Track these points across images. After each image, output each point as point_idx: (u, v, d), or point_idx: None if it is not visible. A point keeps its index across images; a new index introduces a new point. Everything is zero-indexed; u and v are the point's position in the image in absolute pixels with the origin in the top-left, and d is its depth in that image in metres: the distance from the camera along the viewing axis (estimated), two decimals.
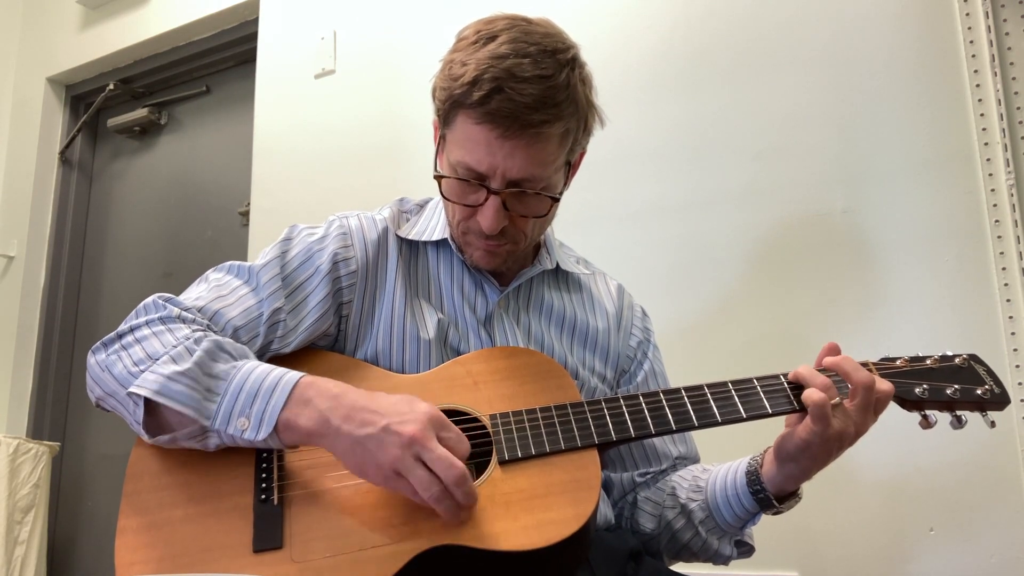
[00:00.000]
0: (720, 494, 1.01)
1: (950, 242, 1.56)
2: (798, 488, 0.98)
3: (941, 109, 1.60)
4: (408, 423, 0.80)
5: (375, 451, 0.79)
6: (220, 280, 0.99)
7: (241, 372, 0.86)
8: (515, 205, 0.97)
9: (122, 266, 3.02)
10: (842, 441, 0.89)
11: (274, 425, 0.83)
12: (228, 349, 0.88)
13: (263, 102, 2.55)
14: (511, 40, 0.91)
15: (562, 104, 0.92)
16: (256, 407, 0.83)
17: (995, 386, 0.94)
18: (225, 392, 0.84)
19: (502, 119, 0.90)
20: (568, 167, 1.02)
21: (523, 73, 0.89)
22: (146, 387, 0.83)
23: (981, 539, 1.46)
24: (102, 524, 2.80)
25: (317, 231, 1.05)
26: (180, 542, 0.82)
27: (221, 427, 0.83)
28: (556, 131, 0.93)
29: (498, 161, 0.92)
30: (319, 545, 0.82)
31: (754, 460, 0.99)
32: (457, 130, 0.95)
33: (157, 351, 0.86)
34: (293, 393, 0.84)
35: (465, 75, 0.91)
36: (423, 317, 1.03)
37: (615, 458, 1.12)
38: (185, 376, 0.84)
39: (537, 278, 1.13)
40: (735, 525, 1.01)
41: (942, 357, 0.97)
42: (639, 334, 1.17)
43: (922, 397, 0.93)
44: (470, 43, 0.94)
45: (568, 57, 0.94)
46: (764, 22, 1.80)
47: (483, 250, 1.02)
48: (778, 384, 0.94)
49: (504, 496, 0.85)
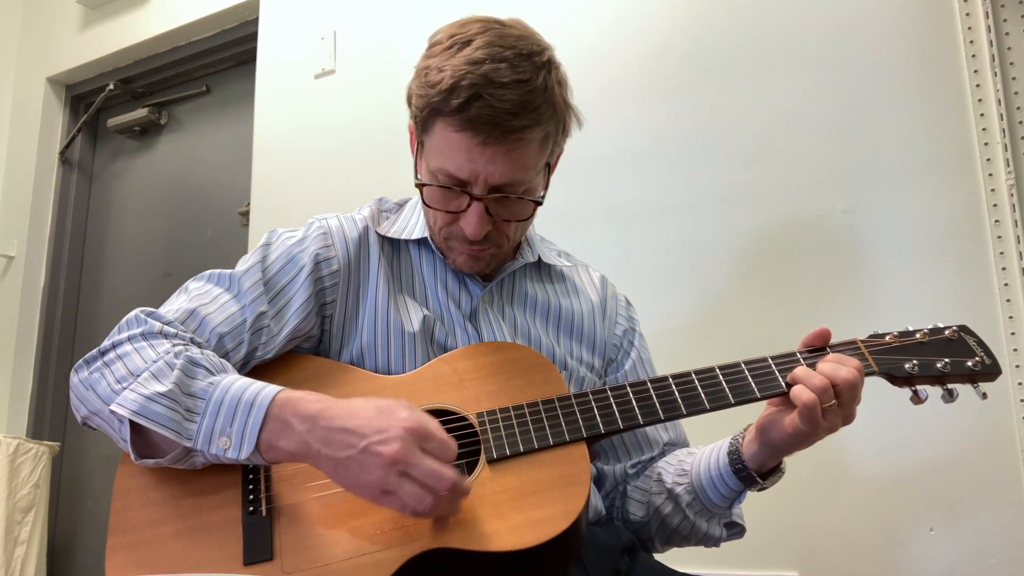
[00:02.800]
0: (705, 475, 1.01)
1: (950, 242, 1.55)
2: (780, 463, 0.98)
3: (941, 109, 1.59)
4: (388, 442, 0.78)
5: (359, 473, 0.78)
6: (201, 289, 0.99)
7: (219, 389, 0.84)
8: (498, 210, 0.97)
9: (122, 266, 3.01)
10: (831, 432, 0.90)
11: (255, 445, 0.82)
12: (205, 364, 0.87)
13: (263, 102, 2.55)
14: (486, 44, 0.91)
15: (541, 108, 0.92)
16: (236, 426, 0.82)
17: (986, 357, 0.92)
18: (204, 412, 0.83)
19: (482, 126, 0.90)
20: (547, 168, 1.02)
21: (501, 78, 0.89)
22: (127, 407, 0.82)
23: (981, 539, 1.45)
24: (102, 524, 2.77)
25: (296, 234, 1.05)
26: (170, 558, 0.82)
27: (203, 447, 0.82)
28: (536, 135, 0.93)
29: (479, 167, 0.92)
30: (309, 555, 0.82)
31: (735, 440, 0.99)
32: (436, 137, 0.95)
33: (138, 367, 0.85)
34: (270, 412, 0.82)
35: (442, 82, 0.91)
36: (408, 311, 1.03)
37: (606, 448, 1.12)
38: (165, 397, 0.83)
39: (519, 272, 1.13)
40: (722, 506, 1.01)
41: (932, 330, 0.96)
42: (624, 323, 1.17)
43: (912, 373, 0.92)
44: (444, 48, 0.94)
45: (544, 60, 0.94)
46: (763, 22, 1.79)
47: (466, 255, 1.02)
48: (766, 368, 0.94)
49: (493, 496, 0.85)
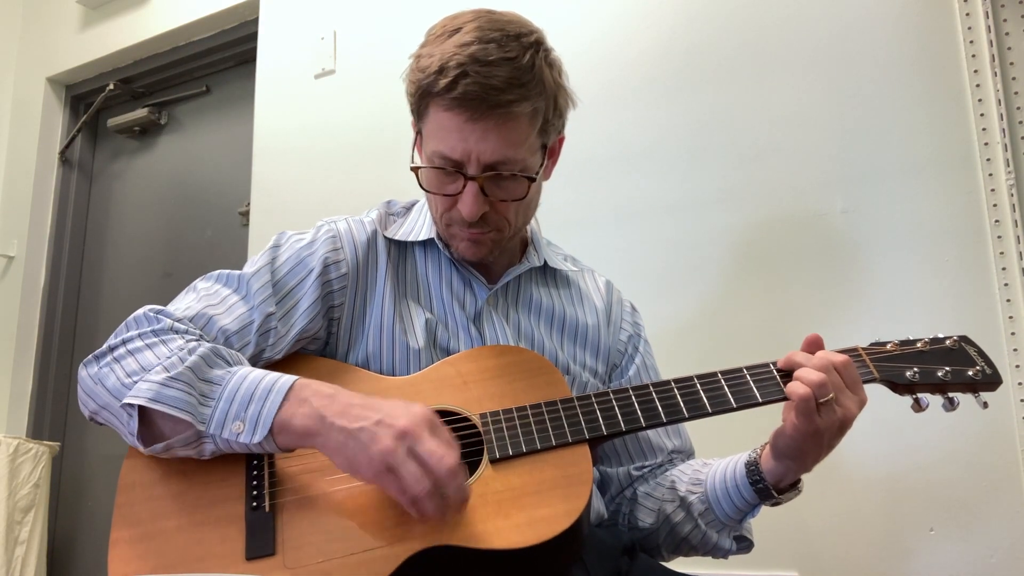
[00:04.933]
0: (720, 486, 1.01)
1: (950, 242, 1.55)
2: (798, 480, 0.97)
3: (941, 109, 1.59)
4: (402, 418, 0.80)
5: (367, 443, 0.79)
6: (209, 289, 0.99)
7: (236, 376, 0.86)
8: (493, 190, 0.98)
9: (122, 266, 3.01)
10: (831, 432, 0.89)
11: (269, 427, 0.82)
12: (224, 355, 0.89)
13: (263, 102, 2.55)
14: (476, 28, 0.93)
15: (528, 84, 0.93)
16: (251, 410, 0.83)
17: (986, 366, 0.93)
18: (220, 396, 0.84)
19: (469, 102, 0.91)
20: (545, 150, 1.02)
21: (488, 57, 0.91)
22: (140, 395, 0.83)
23: (981, 538, 1.46)
24: (102, 524, 2.79)
25: (305, 236, 1.06)
26: (173, 552, 0.82)
27: (216, 431, 0.83)
28: (525, 110, 0.94)
29: (471, 146, 0.94)
30: (312, 550, 0.82)
31: (754, 452, 0.99)
32: (430, 121, 0.97)
33: (151, 363, 0.86)
34: (289, 394, 0.84)
35: (431, 65, 0.93)
36: (411, 323, 1.03)
37: (610, 453, 1.12)
38: (179, 380, 0.84)
39: (525, 275, 1.13)
40: (734, 518, 1.01)
41: (933, 339, 0.97)
42: (629, 328, 1.17)
43: (913, 380, 0.93)
44: (436, 36, 0.97)
45: (532, 40, 0.96)
46: (763, 22, 1.79)
47: (467, 240, 1.03)
48: (768, 372, 0.94)
49: (496, 495, 0.85)
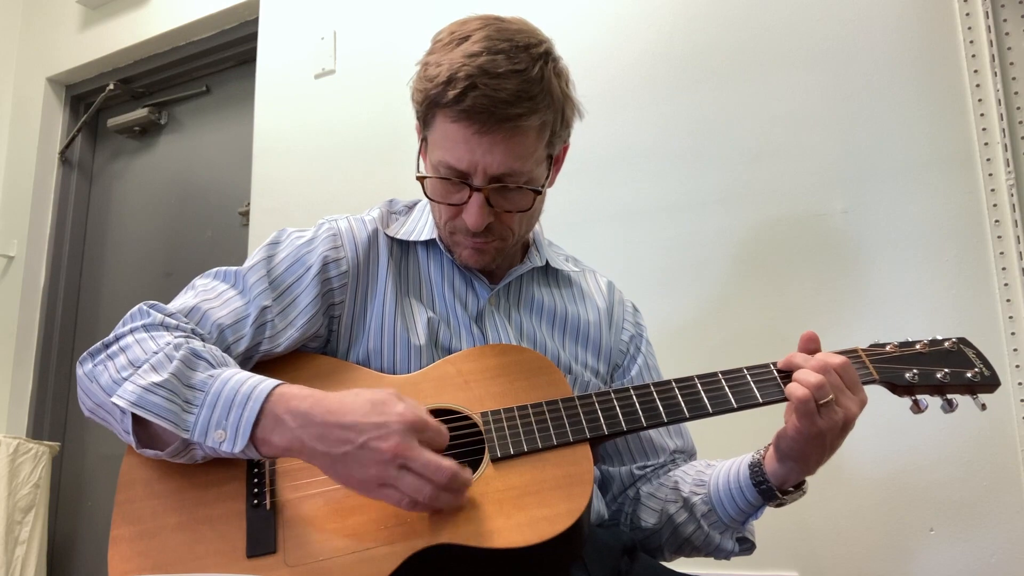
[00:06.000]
0: (723, 487, 1.00)
1: (950, 242, 1.55)
2: (802, 482, 0.97)
3: (941, 109, 1.59)
4: (386, 437, 0.78)
5: (357, 469, 0.79)
6: (207, 285, 1.00)
7: (218, 382, 0.84)
8: (499, 201, 0.98)
9: (122, 266, 3.01)
10: (833, 433, 0.88)
11: (248, 438, 0.81)
12: (206, 356, 0.87)
13: (263, 102, 2.55)
14: (484, 38, 0.92)
15: (537, 97, 0.93)
16: (231, 418, 0.82)
17: (985, 368, 0.94)
18: (203, 404, 0.83)
19: (478, 115, 0.91)
20: (550, 160, 1.02)
21: (496, 69, 0.90)
22: (125, 398, 0.83)
23: (981, 538, 1.46)
24: (102, 524, 2.79)
25: (306, 234, 1.06)
26: (174, 550, 0.82)
27: (200, 439, 0.82)
28: (533, 124, 0.94)
29: (478, 157, 0.93)
30: (313, 548, 0.82)
31: (758, 453, 0.99)
32: (436, 130, 0.96)
33: (139, 358, 0.86)
34: (265, 407, 0.82)
35: (439, 75, 0.92)
36: (414, 320, 1.03)
37: (612, 452, 1.12)
38: (163, 387, 0.83)
39: (527, 276, 1.13)
40: (737, 519, 1.01)
41: (931, 341, 0.97)
42: (631, 328, 1.17)
43: (912, 382, 0.93)
44: (444, 44, 0.95)
45: (541, 51, 0.94)
46: (763, 21, 1.79)
47: (471, 248, 1.03)
48: (768, 373, 0.94)
49: (497, 494, 0.85)
